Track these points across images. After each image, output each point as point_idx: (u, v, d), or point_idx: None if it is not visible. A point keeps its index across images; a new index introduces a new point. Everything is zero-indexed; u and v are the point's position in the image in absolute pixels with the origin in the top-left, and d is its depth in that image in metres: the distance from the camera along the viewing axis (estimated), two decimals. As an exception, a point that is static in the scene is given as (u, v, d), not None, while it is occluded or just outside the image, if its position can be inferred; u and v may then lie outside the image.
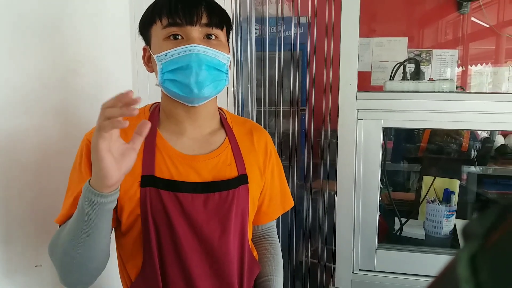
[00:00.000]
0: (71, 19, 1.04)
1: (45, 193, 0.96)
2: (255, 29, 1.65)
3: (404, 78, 1.35)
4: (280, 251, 1.00)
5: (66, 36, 1.02)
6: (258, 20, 1.69)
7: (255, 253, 0.96)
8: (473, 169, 1.62)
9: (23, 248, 0.93)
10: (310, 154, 1.65)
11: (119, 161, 0.65)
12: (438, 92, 1.22)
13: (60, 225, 0.80)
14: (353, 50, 1.24)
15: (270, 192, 0.95)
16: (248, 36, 1.58)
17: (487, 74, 2.73)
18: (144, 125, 0.66)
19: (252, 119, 1.67)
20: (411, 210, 1.53)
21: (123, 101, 0.61)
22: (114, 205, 0.70)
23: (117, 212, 0.81)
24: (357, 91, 1.23)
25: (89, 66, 1.12)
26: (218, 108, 0.91)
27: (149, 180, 0.77)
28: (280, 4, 1.80)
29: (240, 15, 1.65)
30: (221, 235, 0.80)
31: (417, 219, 1.47)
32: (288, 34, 1.76)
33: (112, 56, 1.21)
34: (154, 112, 0.86)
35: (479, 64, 2.78)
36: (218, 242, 0.80)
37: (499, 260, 0.22)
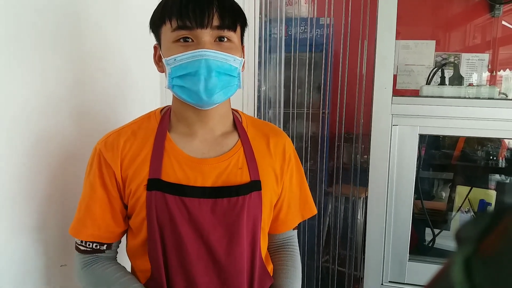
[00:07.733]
0: (95, 18, 1.02)
1: (70, 194, 0.94)
2: (280, 30, 1.61)
3: (442, 82, 1.29)
4: (300, 263, 0.93)
5: (89, 36, 1.00)
6: (282, 21, 1.64)
7: (270, 265, 0.90)
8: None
9: (48, 247, 0.91)
10: (341, 158, 1.60)
11: None
12: (478, 98, 1.17)
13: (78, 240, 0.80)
14: (389, 53, 1.20)
15: (288, 199, 0.88)
16: (278, 37, 1.55)
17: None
18: None
19: (280, 120, 1.63)
20: (441, 221, 1.46)
21: None
22: None
23: (127, 214, 0.80)
24: (392, 95, 1.18)
25: (113, 66, 1.09)
26: (234, 110, 0.87)
27: (155, 184, 0.74)
28: (307, 4, 1.75)
29: (266, 15, 1.61)
30: (229, 243, 0.77)
31: (449, 230, 1.42)
32: (317, 35, 1.72)
33: (137, 55, 1.18)
34: (165, 115, 0.82)
35: (507, 69, 2.69)
36: (225, 250, 0.76)
37: (494, 263, 0.22)
